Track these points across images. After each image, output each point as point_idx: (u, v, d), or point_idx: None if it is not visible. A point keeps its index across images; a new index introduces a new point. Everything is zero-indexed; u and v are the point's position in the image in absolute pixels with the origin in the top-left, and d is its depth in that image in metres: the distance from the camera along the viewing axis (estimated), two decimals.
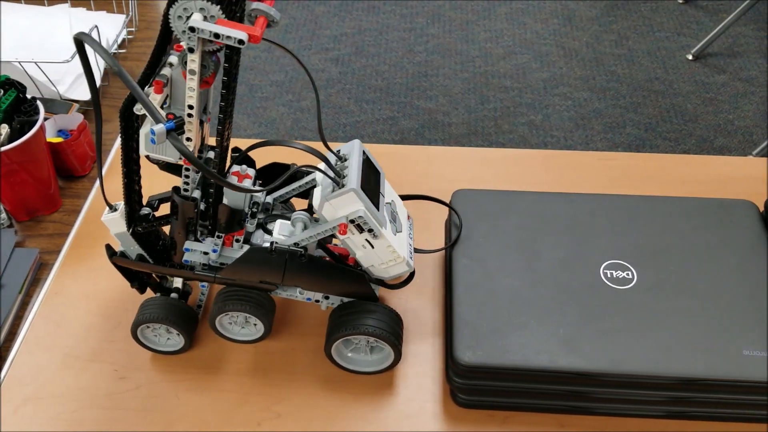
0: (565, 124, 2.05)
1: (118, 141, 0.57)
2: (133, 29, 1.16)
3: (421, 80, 2.22)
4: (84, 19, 1.13)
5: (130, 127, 0.55)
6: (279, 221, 0.61)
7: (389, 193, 0.64)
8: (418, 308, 0.71)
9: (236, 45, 0.48)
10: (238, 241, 0.62)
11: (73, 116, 0.90)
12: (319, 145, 0.61)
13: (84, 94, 0.99)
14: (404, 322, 0.69)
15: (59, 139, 0.88)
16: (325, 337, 0.63)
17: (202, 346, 0.68)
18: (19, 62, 0.91)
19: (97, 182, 0.88)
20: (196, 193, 0.59)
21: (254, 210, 0.61)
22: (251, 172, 0.61)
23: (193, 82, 0.51)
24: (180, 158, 0.56)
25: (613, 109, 2.10)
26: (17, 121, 0.80)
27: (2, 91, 0.80)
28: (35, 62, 0.90)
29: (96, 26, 0.97)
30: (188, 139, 0.54)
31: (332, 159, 0.60)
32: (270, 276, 0.61)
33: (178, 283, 0.67)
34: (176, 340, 0.67)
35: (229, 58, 0.51)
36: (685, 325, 0.59)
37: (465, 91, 2.17)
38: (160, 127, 0.48)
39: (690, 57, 2.27)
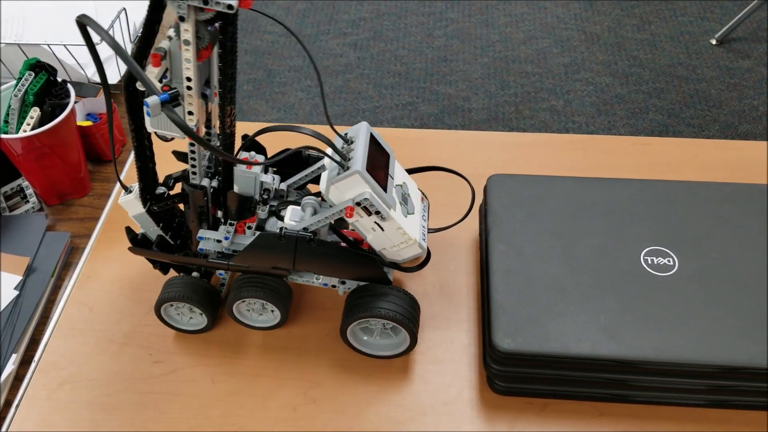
0: (587, 109, 2.03)
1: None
2: None
3: (440, 65, 2.20)
4: (109, 3, 1.12)
5: (135, 103, 0.53)
6: (290, 207, 0.61)
7: (400, 174, 0.63)
8: (451, 294, 0.70)
9: (226, 11, 0.46)
10: (250, 228, 0.62)
11: (102, 99, 0.89)
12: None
13: (112, 77, 0.99)
14: (437, 308, 0.69)
15: (88, 123, 0.87)
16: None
17: (237, 331, 0.68)
18: (48, 45, 0.90)
19: (127, 166, 0.88)
20: (206, 182, 0.59)
21: (265, 197, 0.61)
22: (260, 158, 0.61)
23: (188, 53, 0.49)
24: (184, 136, 0.54)
25: (635, 94, 2.07)
26: (48, 104, 0.79)
27: (33, 74, 0.79)
28: (64, 45, 0.90)
29: (124, 9, 0.96)
30: (190, 113, 0.53)
31: (338, 142, 0.59)
32: (281, 262, 0.61)
33: None
34: (199, 320, 0.67)
35: (223, 29, 0.49)
36: (727, 313, 0.58)
37: (485, 76, 2.15)
38: (153, 99, 0.47)
39: (714, 42, 2.24)
